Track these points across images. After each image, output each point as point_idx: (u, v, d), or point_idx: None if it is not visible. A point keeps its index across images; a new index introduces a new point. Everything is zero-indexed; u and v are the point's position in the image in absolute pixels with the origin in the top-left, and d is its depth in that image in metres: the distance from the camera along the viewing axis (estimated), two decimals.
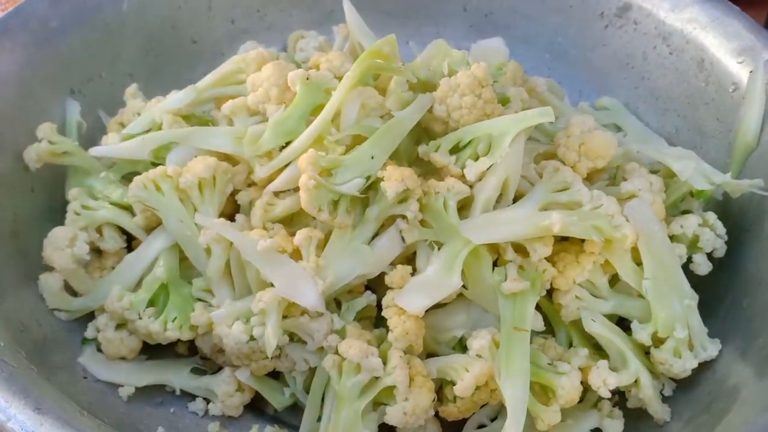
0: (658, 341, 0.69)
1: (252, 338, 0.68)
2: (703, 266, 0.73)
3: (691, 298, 0.69)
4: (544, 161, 0.72)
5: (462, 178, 0.68)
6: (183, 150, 0.77)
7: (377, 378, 0.65)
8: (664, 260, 0.69)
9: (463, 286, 0.67)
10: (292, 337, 0.70)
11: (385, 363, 0.65)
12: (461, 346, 0.69)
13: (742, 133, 0.79)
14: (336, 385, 0.66)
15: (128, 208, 0.78)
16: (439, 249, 0.67)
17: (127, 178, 0.78)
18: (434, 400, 0.67)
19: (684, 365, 0.68)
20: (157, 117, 0.80)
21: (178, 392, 0.74)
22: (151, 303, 0.73)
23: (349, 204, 0.67)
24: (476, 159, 0.68)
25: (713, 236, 0.73)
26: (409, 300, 0.66)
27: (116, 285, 0.73)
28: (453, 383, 0.65)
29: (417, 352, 0.68)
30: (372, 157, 0.67)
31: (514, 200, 0.70)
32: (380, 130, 0.69)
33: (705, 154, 0.80)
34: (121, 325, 0.74)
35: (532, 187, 0.70)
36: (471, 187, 0.68)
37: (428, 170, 0.72)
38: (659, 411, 0.69)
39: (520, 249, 0.68)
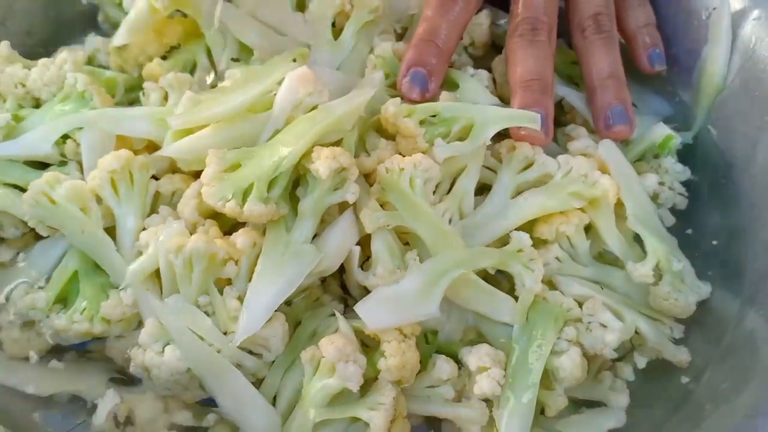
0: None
1: None
2: (665, 219, 0.71)
3: (671, 238, 0.67)
4: (497, 143, 0.66)
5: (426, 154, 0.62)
6: (95, 135, 0.65)
7: (349, 392, 0.55)
8: (642, 199, 0.67)
9: None
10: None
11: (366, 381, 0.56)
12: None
13: (709, 73, 0.74)
14: (307, 381, 0.57)
15: None
16: (419, 258, 0.59)
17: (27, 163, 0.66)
18: None
19: (687, 299, 0.63)
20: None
21: (89, 405, 0.61)
22: (62, 301, 0.62)
23: (263, 192, 0.56)
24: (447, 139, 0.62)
25: (672, 194, 0.72)
26: (371, 312, 0.57)
27: (22, 279, 0.63)
28: None
29: (404, 384, 0.58)
30: (285, 146, 0.57)
31: (479, 192, 0.65)
32: (300, 119, 0.60)
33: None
34: (29, 323, 0.63)
35: (495, 174, 0.66)
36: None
37: None
38: (675, 353, 0.64)
39: None
